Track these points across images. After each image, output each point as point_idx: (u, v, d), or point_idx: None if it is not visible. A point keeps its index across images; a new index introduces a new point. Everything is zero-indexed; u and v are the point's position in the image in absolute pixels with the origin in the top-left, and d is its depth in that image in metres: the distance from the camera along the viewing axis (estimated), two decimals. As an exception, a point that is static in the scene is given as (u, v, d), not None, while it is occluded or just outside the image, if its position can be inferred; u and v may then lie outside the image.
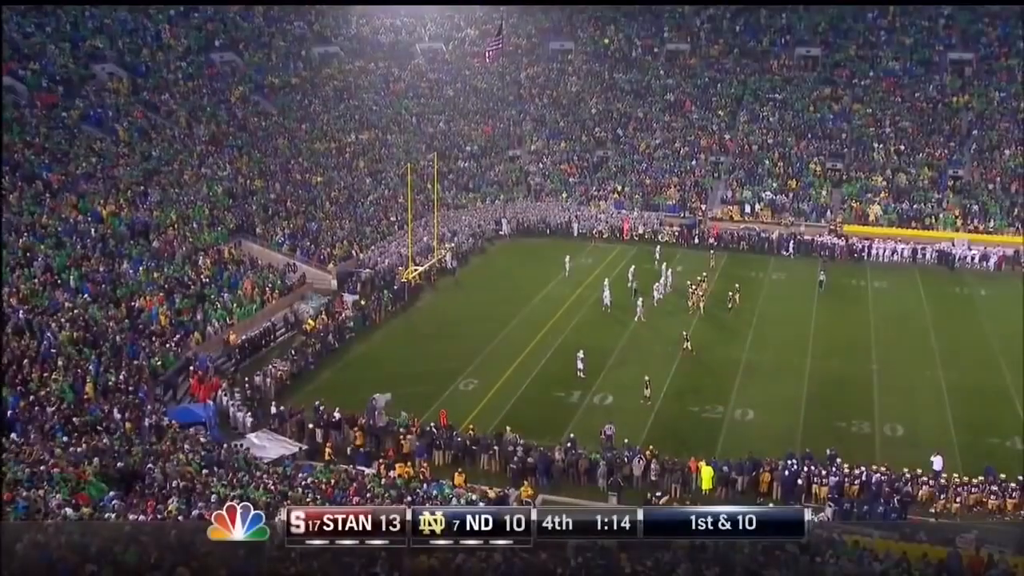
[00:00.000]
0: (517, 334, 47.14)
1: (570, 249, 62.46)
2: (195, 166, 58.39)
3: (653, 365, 42.56)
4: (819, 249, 63.61)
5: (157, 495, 25.43)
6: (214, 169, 59.17)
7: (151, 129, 60.02)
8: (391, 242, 59.93)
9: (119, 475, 26.64)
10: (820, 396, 39.85)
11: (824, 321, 49.85)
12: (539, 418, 37.33)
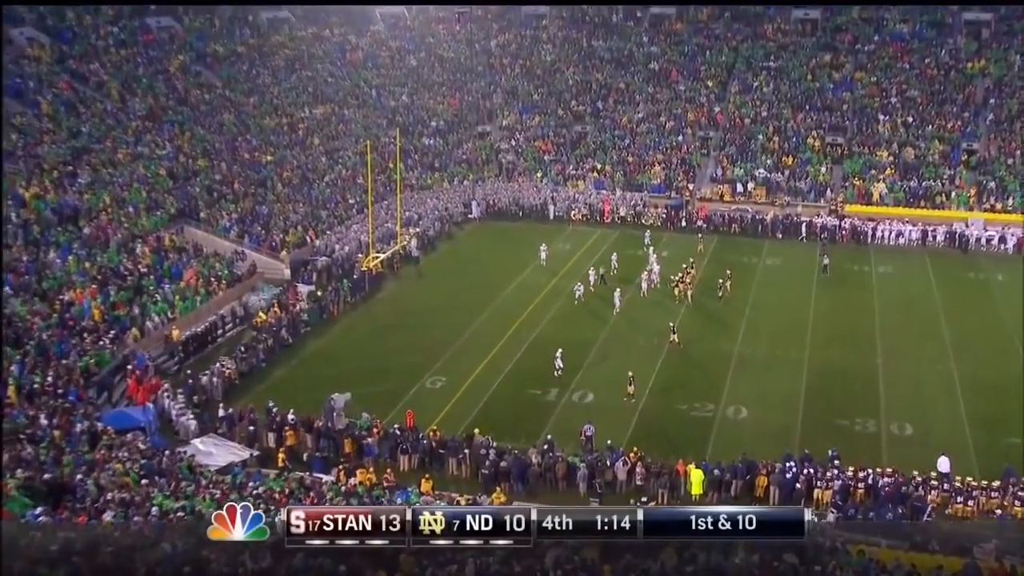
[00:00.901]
0: (488, 327, 47.07)
1: (546, 233, 62.40)
2: (130, 144, 57.71)
3: (637, 359, 42.59)
4: (818, 232, 64.12)
5: (90, 509, 25.05)
6: (152, 147, 58.54)
7: (79, 103, 59.14)
8: (350, 227, 59.83)
9: (47, 488, 26.18)
10: (820, 391, 40.04)
11: (824, 309, 50.12)
12: (513, 418, 37.31)
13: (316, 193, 62.79)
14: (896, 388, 40.47)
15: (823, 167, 70.33)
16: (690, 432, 36.58)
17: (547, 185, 72.31)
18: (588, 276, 52.32)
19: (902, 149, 70.56)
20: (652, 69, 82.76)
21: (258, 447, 34.83)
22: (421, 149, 75.40)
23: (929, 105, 74.36)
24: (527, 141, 77.70)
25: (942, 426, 37.11)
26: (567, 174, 73.61)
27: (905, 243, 62.96)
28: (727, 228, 65.72)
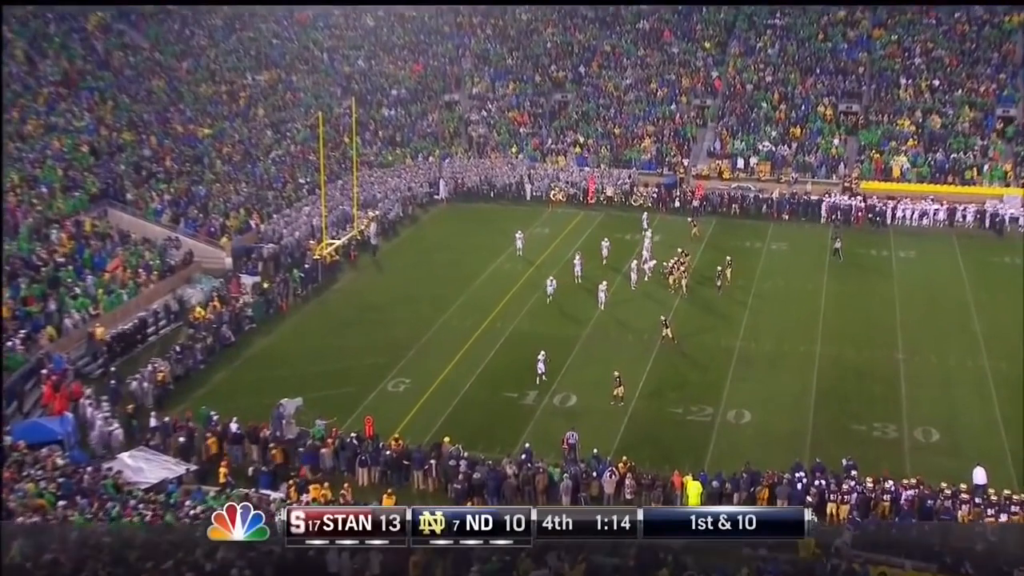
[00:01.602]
0: (458, 322, 47.07)
1: (522, 216, 62.40)
2: (42, 114, 57.27)
3: (626, 357, 42.61)
4: (831, 212, 64.34)
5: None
6: (68, 118, 58.13)
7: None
8: (299, 210, 59.68)
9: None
10: (833, 392, 40.18)
11: (837, 300, 50.30)
12: (487, 425, 37.27)
13: (261, 171, 62.51)
14: (920, 388, 40.62)
15: (836, 139, 70.66)
16: (686, 439, 36.59)
17: (523, 162, 72.31)
18: (574, 264, 52.26)
19: (927, 117, 70.76)
20: (641, 29, 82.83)
21: (196, 461, 34.58)
22: (380, 121, 75.13)
23: (959, 66, 74.32)
24: (500, 112, 77.62)
25: (974, 431, 37.21)
26: (546, 149, 73.60)
27: (930, 224, 63.29)
28: (726, 209, 65.89)
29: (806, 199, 65.39)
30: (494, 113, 77.52)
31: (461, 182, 69.66)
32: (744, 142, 71.15)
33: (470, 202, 67.98)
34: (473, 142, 75.08)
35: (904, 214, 63.66)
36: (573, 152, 72.62)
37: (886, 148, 68.88)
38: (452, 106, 78.84)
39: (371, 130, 73.57)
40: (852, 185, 66.64)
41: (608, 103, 76.75)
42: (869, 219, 63.60)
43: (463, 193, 69.11)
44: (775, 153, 69.98)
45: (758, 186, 67.54)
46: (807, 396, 39.86)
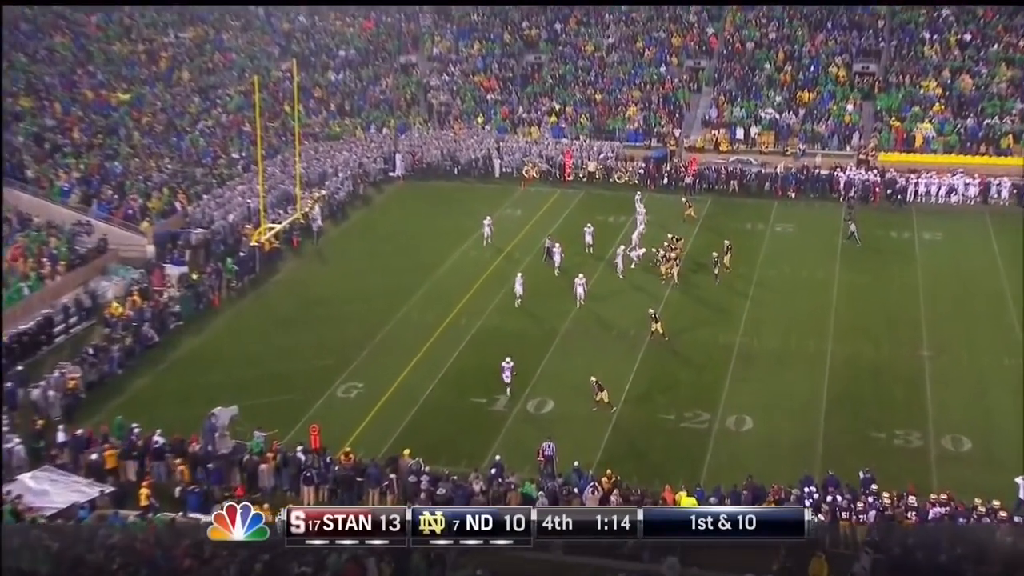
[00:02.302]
0: (417, 317, 47.17)
1: (490, 196, 62.55)
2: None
3: (610, 357, 42.81)
4: (844, 189, 64.65)
5: None
6: (-48, 82, 57.69)
7: None
8: (233, 189, 59.58)
9: None
10: (848, 396, 40.37)
11: (852, 289, 50.56)
12: (451, 435, 37.33)
13: (187, 145, 62.22)
14: (949, 390, 40.83)
15: (850, 104, 71.08)
16: (679, 449, 36.71)
17: (491, 133, 72.44)
18: (553, 252, 52.26)
19: (956, 78, 71.10)
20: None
21: (112, 481, 34.37)
22: (327, 87, 74.87)
23: (994, 17, 74.29)
24: (464, 76, 77.55)
25: (1011, 439, 37.09)
26: (517, 118, 73.70)
27: (959, 201, 63.74)
28: (724, 186, 66.18)
29: (816, 174, 65.76)
30: (457, 77, 77.42)
31: (420, 157, 69.54)
32: (744, 109, 71.44)
33: (430, 180, 67.91)
34: (433, 111, 74.94)
35: (929, 190, 64.05)
36: (548, 122, 72.60)
37: (908, 114, 69.30)
38: (409, 69, 78.69)
39: (316, 97, 73.25)
40: (869, 157, 67.04)
41: (588, 65, 76.83)
42: (888, 196, 63.96)
43: (422, 170, 69.03)
44: (780, 122, 70.31)
45: (760, 160, 67.83)
46: (818, 400, 40.03)
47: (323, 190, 61.29)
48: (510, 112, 73.93)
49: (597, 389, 38.89)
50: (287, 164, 61.68)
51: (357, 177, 65.49)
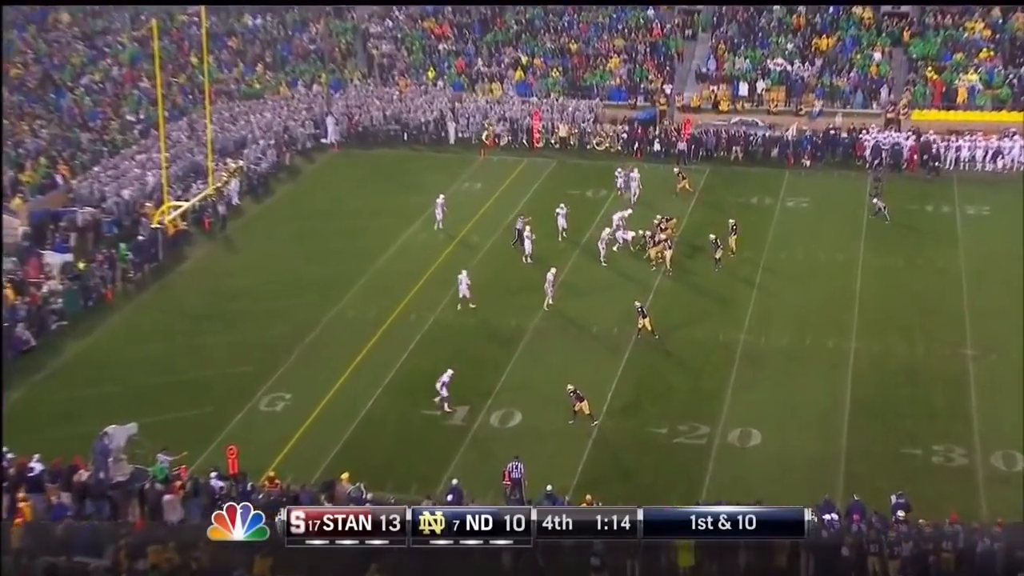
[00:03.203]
0: (357, 313, 47.23)
1: (443, 167, 62.64)
2: None
3: (589, 360, 42.95)
4: (870, 155, 64.81)
5: None
6: None
7: None
8: (128, 159, 59.28)
9: None
10: (876, 404, 40.45)
11: (880, 276, 50.80)
12: (399, 454, 37.29)
13: (68, 104, 61.93)
14: (998, 397, 40.80)
15: (877, 52, 71.37)
16: (673, 470, 36.70)
17: (444, 91, 72.50)
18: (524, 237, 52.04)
19: (1008, 17, 71.07)
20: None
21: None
22: (243, 33, 74.46)
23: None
24: (411, 21, 77.32)
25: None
26: (475, 73, 73.71)
27: (1008, 168, 63.99)
28: (725, 153, 66.42)
29: (836, 137, 66.08)
30: (403, 23, 77.16)
31: (358, 120, 69.43)
32: (749, 59, 71.70)
33: (371, 148, 67.94)
34: (374, 64, 74.72)
35: (974, 155, 64.31)
36: (513, 77, 72.54)
37: (948, 63, 69.59)
38: (344, 13, 78.31)
39: (230, 47, 72.85)
40: (900, 117, 67.38)
41: (560, 8, 76.68)
42: (924, 163, 64.28)
43: (361, 135, 69.06)
44: (792, 74, 70.59)
45: (769, 121, 68.16)
46: (838, 409, 40.14)
47: (240, 160, 61.06)
48: (467, 65, 73.79)
49: (574, 398, 38.77)
50: (196, 128, 61.29)
51: (282, 144, 65.27)
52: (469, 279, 47.82)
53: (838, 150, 65.44)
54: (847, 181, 62.47)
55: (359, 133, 69.13)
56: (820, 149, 65.53)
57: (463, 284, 47.71)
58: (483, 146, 67.56)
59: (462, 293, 47.72)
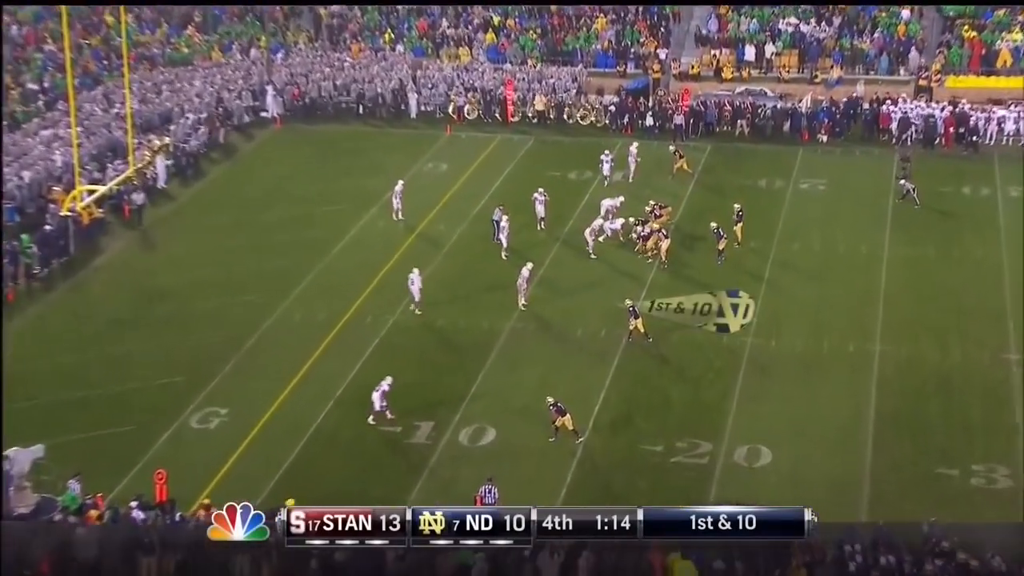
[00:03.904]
0: (304, 315, 47.24)
1: (402, 146, 62.78)
2: None
3: (572, 367, 43.05)
4: (898, 129, 64.90)
5: None
6: None
7: None
8: (29, 136, 59.09)
9: None
10: (905, 417, 40.49)
11: (909, 268, 50.93)
12: (353, 478, 37.09)
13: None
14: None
15: (905, 10, 71.50)
16: (670, 493, 36.26)
17: (404, 57, 72.63)
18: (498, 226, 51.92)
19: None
20: None
21: None
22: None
23: None
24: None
25: None
26: (440, 36, 73.70)
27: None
28: (729, 127, 66.65)
29: (858, 109, 66.23)
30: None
31: (303, 91, 69.38)
32: (757, 19, 71.88)
33: (318, 123, 68.06)
34: (322, 25, 74.60)
35: (1018, 128, 64.52)
36: (483, 41, 72.46)
37: (988, 20, 69.84)
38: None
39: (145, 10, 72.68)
40: (932, 84, 67.54)
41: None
42: (960, 138, 64.41)
43: (307, 108, 69.09)
44: (806, 36, 70.62)
45: (779, 90, 68.29)
46: (861, 423, 40.16)
47: (166, 137, 60.80)
48: (430, 27, 73.72)
49: (556, 412, 38.72)
50: (114, 99, 61.04)
51: (215, 119, 65.12)
52: (421, 279, 47.45)
53: (860, 123, 65.55)
54: (870, 159, 62.72)
55: (305, 106, 69.03)
56: (839, 122, 65.63)
57: (414, 285, 47.36)
58: (449, 121, 67.57)
59: (414, 295, 47.47)
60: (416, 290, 47.31)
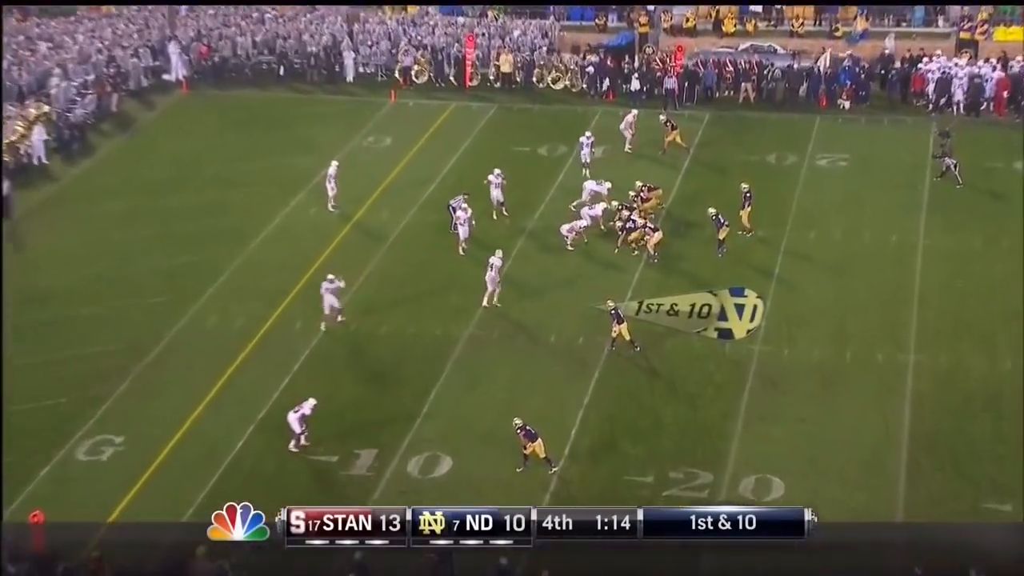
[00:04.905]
0: (215, 323, 47.43)
1: (337, 115, 63.36)
2: None
3: (544, 382, 43.31)
4: (934, 94, 65.36)
5: None
6: None
7: None
8: None
9: None
10: (944, 440, 40.58)
11: (949, 262, 51.17)
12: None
13: None
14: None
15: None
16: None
17: (338, 8, 73.09)
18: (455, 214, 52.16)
19: None
20: None
21: None
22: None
23: None
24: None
25: None
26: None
27: None
28: (732, 92, 67.27)
29: (886, 68, 66.79)
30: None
31: (213, 48, 69.65)
32: (763, -38, 72.11)
33: (233, 87, 68.53)
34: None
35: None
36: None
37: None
38: None
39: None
40: (977, 37, 67.92)
41: None
42: (1012, 102, 64.89)
43: (218, 69, 69.45)
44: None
45: (792, 46, 68.78)
46: (892, 447, 40.39)
47: (44, 104, 61.00)
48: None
49: (525, 437, 38.93)
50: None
51: (105, 82, 65.23)
52: (340, 282, 47.10)
53: (889, 86, 66.03)
54: (902, 129, 63.26)
55: (216, 67, 69.30)
56: (864, 85, 66.04)
57: (328, 292, 47.01)
58: (394, 86, 67.95)
59: (328, 305, 47.09)
60: (331, 297, 46.75)
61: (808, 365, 44.67)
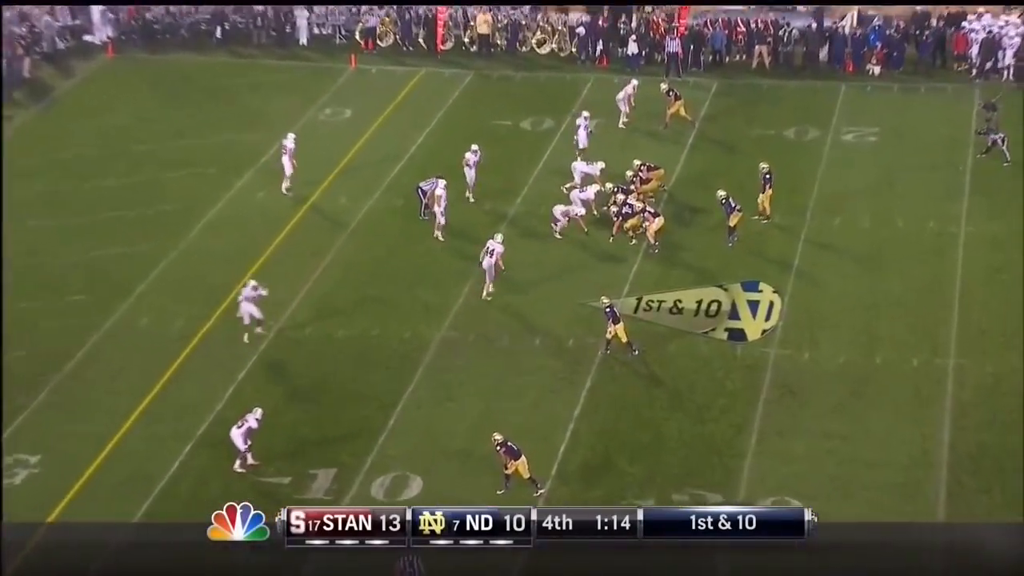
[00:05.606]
0: (149, 324, 47.51)
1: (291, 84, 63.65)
2: None
3: (527, 390, 43.44)
4: (974, 59, 65.73)
5: None
6: None
7: None
8: None
9: None
10: (989, 455, 40.63)
11: (996, 252, 51.30)
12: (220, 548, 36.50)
13: None
14: None
15: None
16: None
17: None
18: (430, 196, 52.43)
19: None
20: None
21: None
22: None
23: None
24: None
25: None
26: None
27: None
28: (744, 57, 67.68)
29: (922, 28, 66.92)
30: None
31: (144, 7, 69.48)
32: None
33: (167, 52, 68.70)
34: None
35: None
36: (400, -63, 72.95)
37: None
38: None
39: None
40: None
41: None
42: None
43: (148, 31, 69.56)
44: (848, -72, 71.23)
45: (812, 6, 68.64)
46: (930, 465, 40.46)
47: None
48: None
49: (506, 454, 39.06)
50: None
51: (16, 43, 65.33)
52: (263, 291, 46.90)
53: (925, 49, 66.20)
54: (940, 100, 63.41)
55: (145, 27, 69.33)
56: (896, 46, 66.25)
57: (246, 300, 46.76)
58: (354, 49, 68.11)
59: (246, 314, 46.92)
60: (250, 306, 46.59)
61: (832, 371, 44.72)
